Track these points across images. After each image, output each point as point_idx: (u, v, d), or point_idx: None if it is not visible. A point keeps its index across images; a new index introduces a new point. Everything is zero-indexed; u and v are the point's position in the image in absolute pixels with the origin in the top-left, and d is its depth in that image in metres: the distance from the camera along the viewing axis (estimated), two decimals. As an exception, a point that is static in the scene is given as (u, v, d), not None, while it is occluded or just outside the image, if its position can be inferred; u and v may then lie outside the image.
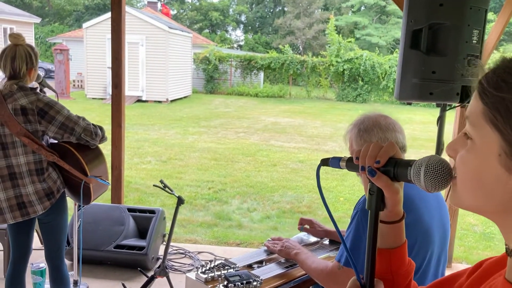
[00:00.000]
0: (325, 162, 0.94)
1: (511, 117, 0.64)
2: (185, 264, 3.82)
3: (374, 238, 0.82)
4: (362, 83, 19.35)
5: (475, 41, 2.41)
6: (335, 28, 20.91)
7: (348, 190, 6.69)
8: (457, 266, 4.04)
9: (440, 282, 0.97)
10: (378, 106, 17.32)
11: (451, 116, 3.53)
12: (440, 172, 0.76)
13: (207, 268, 1.89)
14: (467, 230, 5.33)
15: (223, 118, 13.41)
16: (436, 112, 2.71)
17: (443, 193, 1.49)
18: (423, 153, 8.39)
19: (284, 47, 21.04)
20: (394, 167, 0.82)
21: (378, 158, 0.84)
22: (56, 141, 2.52)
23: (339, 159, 0.92)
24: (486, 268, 0.83)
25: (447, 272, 1.92)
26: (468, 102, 2.52)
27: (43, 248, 2.64)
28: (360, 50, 20.32)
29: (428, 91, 2.44)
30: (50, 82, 2.84)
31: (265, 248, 2.14)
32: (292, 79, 21.31)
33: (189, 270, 3.69)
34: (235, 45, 40.75)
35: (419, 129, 12.34)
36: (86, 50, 17.09)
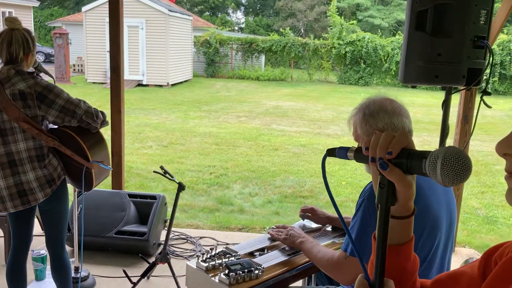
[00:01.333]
0: (331, 152, 0.88)
1: None
2: (186, 249, 3.81)
3: (384, 235, 0.76)
4: (364, 65, 19.19)
5: (483, 22, 2.34)
6: (337, 10, 20.65)
7: (350, 174, 6.66)
8: (460, 250, 4.02)
9: (445, 279, 0.92)
10: (380, 89, 17.21)
11: (456, 99, 3.47)
12: (458, 166, 0.70)
13: (208, 256, 1.86)
14: (470, 213, 5.31)
15: (224, 102, 13.33)
16: (439, 94, 2.67)
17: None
18: (425, 137, 8.30)
19: (284, 30, 20.82)
20: (407, 159, 0.76)
21: (390, 149, 0.77)
22: (55, 127, 2.47)
23: (346, 149, 0.86)
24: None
25: (452, 257, 1.89)
26: (475, 85, 2.46)
27: (44, 234, 2.62)
28: (362, 32, 20.10)
29: (434, 74, 2.37)
30: (50, 67, 2.78)
31: (269, 235, 2.10)
32: (294, 62, 21.14)
33: (191, 256, 3.68)
34: (236, 28, 40.38)
35: (422, 112, 12.25)
36: (85, 34, 16.93)
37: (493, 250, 0.86)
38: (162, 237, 3.73)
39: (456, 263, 2.19)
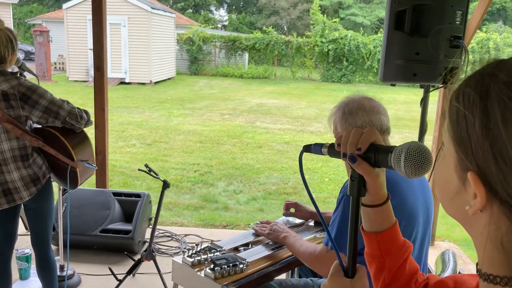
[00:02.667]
0: (307, 148, 0.95)
1: (459, 128, 0.61)
2: (171, 247, 3.84)
3: (355, 223, 0.83)
4: (346, 63, 19.34)
5: (458, 22, 2.42)
6: (319, 7, 20.76)
7: (333, 170, 6.75)
8: (440, 244, 4.12)
9: (449, 282, 0.96)
10: (362, 87, 17.39)
11: (435, 96, 3.56)
12: (420, 159, 0.77)
13: (194, 251, 1.90)
14: (449, 208, 5.43)
15: (208, 100, 13.33)
16: (420, 92, 2.74)
17: (427, 174, 1.51)
18: (407, 133, 8.43)
19: (268, 28, 20.86)
20: (375, 154, 0.83)
21: (359, 145, 0.84)
22: (40, 126, 2.48)
23: (321, 145, 0.93)
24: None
25: (430, 250, 1.96)
26: (452, 83, 2.56)
27: (28, 233, 2.62)
28: (345, 30, 20.26)
29: (412, 72, 2.45)
30: (30, 65, 2.78)
31: (253, 231, 2.15)
32: (277, 59, 21.21)
33: (176, 253, 3.71)
34: (219, 25, 40.28)
35: (403, 109, 12.42)
36: (67, 32, 16.73)
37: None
38: (147, 235, 3.75)
39: (435, 256, 2.27)
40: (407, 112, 11.97)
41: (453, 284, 0.96)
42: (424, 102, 2.70)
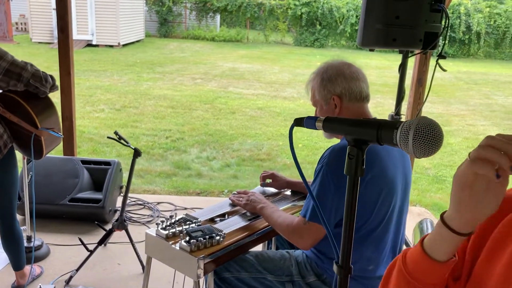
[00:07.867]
0: (298, 122, 0.86)
1: None
2: (144, 215, 3.76)
3: (352, 206, 0.74)
4: (319, 27, 19.15)
5: (440, -14, 2.35)
6: (293, -31, 20.31)
7: (307, 136, 6.73)
8: (411, 209, 4.18)
9: None
10: (335, 51, 17.30)
11: (410, 62, 3.52)
12: (431, 137, 0.68)
13: (168, 223, 1.83)
14: (420, 173, 5.52)
15: (178, 64, 13.01)
16: (392, 57, 2.70)
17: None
18: (379, 99, 8.44)
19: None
20: (378, 130, 0.74)
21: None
22: (0, 91, 2.32)
23: (314, 119, 0.84)
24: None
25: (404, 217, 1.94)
26: (431, 49, 2.49)
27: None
28: (318, -8, 19.94)
29: (392, 37, 2.38)
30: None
31: (229, 201, 2.09)
32: (250, 22, 20.80)
33: (148, 222, 3.65)
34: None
35: (375, 74, 12.44)
36: (28, -10, 15.87)
37: None
38: (118, 203, 3.66)
39: (409, 221, 2.26)
40: (379, 77, 12.00)
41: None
42: (402, 68, 2.65)
